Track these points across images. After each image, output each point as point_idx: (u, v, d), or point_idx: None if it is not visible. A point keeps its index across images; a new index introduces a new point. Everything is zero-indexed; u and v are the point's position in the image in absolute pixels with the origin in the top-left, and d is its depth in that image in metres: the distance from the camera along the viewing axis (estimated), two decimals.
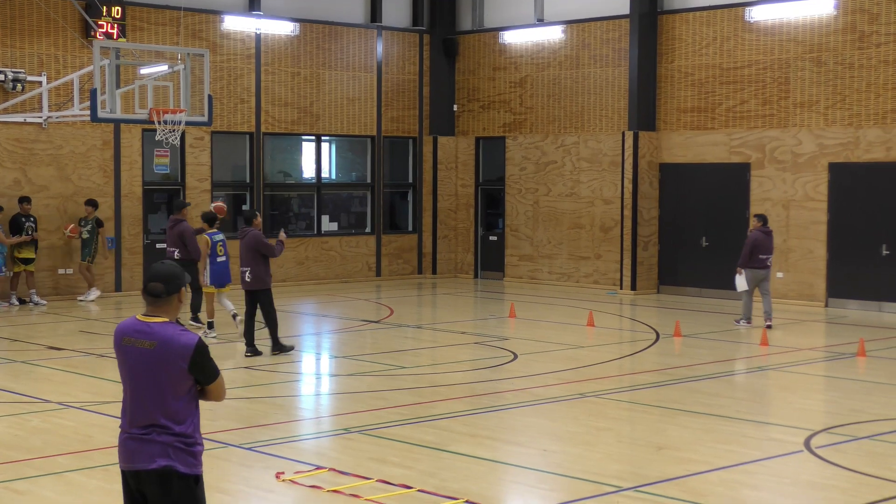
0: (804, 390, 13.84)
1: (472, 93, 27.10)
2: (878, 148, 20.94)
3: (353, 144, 26.90)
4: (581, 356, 15.85)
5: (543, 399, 12.73)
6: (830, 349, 16.89)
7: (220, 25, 23.94)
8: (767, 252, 18.59)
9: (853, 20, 21.18)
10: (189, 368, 5.64)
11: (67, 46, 21.97)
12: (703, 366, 15.02)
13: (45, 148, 21.89)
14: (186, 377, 5.67)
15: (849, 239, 21.34)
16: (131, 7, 22.51)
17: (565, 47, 25.24)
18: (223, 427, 10.99)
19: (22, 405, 12.31)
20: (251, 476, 9.45)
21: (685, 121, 23.54)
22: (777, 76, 22.16)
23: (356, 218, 26.74)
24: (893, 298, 20.82)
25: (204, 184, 23.68)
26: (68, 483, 9.19)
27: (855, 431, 11.20)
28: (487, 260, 27.05)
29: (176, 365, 5.63)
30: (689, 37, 23.44)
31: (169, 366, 5.63)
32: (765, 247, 18.53)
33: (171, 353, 5.62)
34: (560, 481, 9.45)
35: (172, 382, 5.64)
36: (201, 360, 5.66)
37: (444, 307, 22.92)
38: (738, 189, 22.71)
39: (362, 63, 26.06)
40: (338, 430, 11.34)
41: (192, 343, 5.65)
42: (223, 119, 23.86)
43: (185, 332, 5.71)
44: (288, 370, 15.10)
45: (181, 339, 5.65)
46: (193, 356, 5.63)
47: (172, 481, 5.62)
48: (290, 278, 25.03)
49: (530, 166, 25.94)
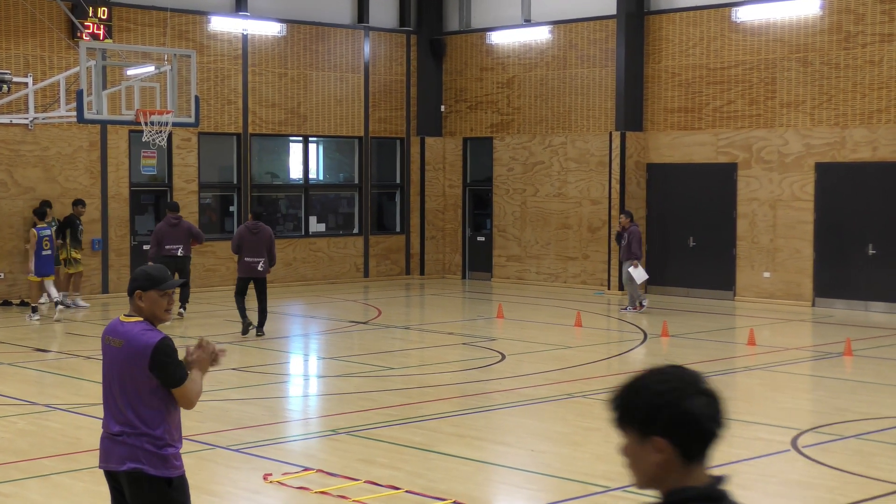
0: (791, 390, 13.88)
1: (459, 93, 27.10)
2: (864, 148, 21.00)
3: (340, 145, 26.88)
4: (569, 356, 15.87)
5: (531, 399, 12.74)
6: (817, 349, 16.94)
7: (207, 26, 23.89)
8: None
9: (839, 20, 21.25)
10: (149, 367, 5.62)
11: (54, 47, 21.91)
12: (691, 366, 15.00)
13: (31, 149, 21.82)
14: (149, 377, 5.64)
15: (835, 238, 21.41)
16: (117, 8, 22.45)
17: (552, 48, 25.26)
18: (211, 429, 10.97)
19: (8, 407, 12.26)
20: (238, 477, 9.44)
21: (672, 121, 23.58)
22: (763, 76, 22.22)
23: (344, 219, 26.72)
24: (880, 298, 20.89)
25: (191, 185, 23.64)
26: (55, 485, 9.17)
27: (841, 430, 11.23)
28: (475, 260, 27.05)
29: (138, 364, 5.63)
30: (676, 37, 23.48)
31: (133, 365, 5.64)
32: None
33: (134, 352, 5.64)
34: (548, 481, 9.45)
35: (137, 383, 5.64)
36: (161, 360, 5.62)
37: (432, 308, 22.92)
38: (725, 189, 22.75)
39: (349, 64, 26.05)
40: (325, 431, 11.33)
41: (152, 342, 5.62)
42: (210, 120, 23.81)
43: (149, 332, 5.68)
44: (276, 371, 15.09)
45: (142, 337, 5.65)
46: (153, 355, 5.61)
47: (142, 484, 5.63)
48: (277, 279, 24.97)
49: (518, 167, 25.95)
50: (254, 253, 17.26)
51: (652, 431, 2.73)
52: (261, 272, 17.27)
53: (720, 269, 22.87)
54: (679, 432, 2.72)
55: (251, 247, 17.28)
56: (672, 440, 2.72)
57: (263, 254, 17.25)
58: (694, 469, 2.74)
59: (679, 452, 2.73)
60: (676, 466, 2.73)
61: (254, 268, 17.26)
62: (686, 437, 2.72)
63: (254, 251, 17.27)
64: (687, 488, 2.70)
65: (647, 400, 2.75)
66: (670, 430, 2.72)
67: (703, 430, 2.74)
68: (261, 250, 17.24)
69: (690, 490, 2.69)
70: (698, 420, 2.73)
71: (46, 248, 19.35)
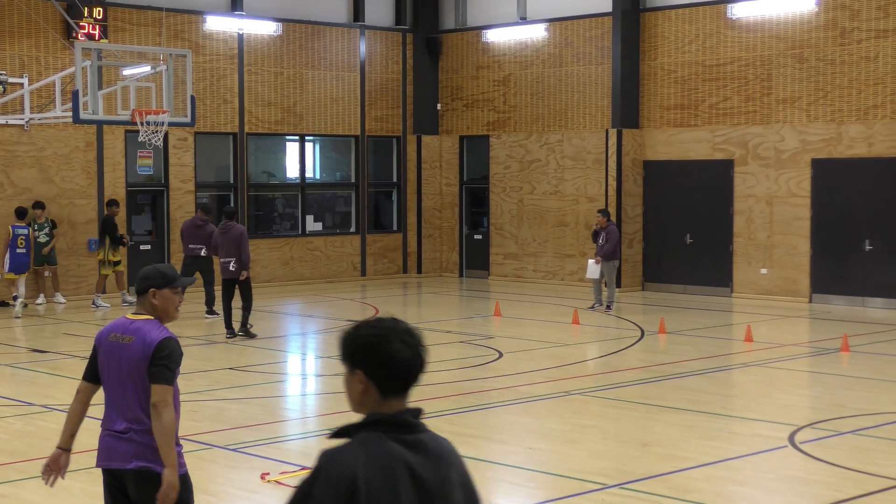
0: (788, 386, 13.88)
1: (455, 91, 27.09)
2: (860, 144, 21.01)
3: (336, 144, 26.87)
4: (566, 354, 15.87)
5: (528, 397, 12.74)
6: (814, 344, 16.95)
7: (203, 26, 23.87)
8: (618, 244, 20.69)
9: (834, 17, 21.25)
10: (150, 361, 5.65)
11: (49, 48, 21.89)
12: (688, 362, 15.06)
13: (27, 150, 21.80)
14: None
15: (832, 235, 21.42)
16: (113, 8, 22.42)
17: (548, 45, 25.25)
18: (208, 428, 10.97)
19: (5, 408, 12.25)
20: (236, 477, 9.43)
21: (668, 118, 23.58)
22: (759, 73, 22.22)
23: (341, 218, 26.71)
24: (877, 294, 20.90)
25: (188, 185, 23.62)
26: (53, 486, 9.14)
27: (839, 426, 11.24)
28: (472, 259, 27.05)
29: (146, 359, 5.66)
30: (672, 34, 23.48)
31: (141, 361, 5.66)
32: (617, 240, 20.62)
33: (143, 347, 5.67)
34: (545, 479, 9.45)
35: (146, 381, 5.65)
36: (160, 356, 5.64)
37: (429, 306, 22.92)
38: (721, 186, 22.76)
39: (345, 62, 26.03)
40: (323, 430, 11.33)
41: (158, 338, 5.67)
42: (206, 120, 23.79)
43: (157, 329, 5.72)
44: (273, 371, 15.08)
45: (150, 333, 5.70)
46: (155, 350, 5.65)
47: (150, 482, 5.62)
48: (274, 279, 24.99)
49: (514, 165, 25.95)
50: (225, 253, 17.18)
51: (357, 367, 3.34)
52: (232, 272, 17.09)
53: (717, 265, 22.88)
54: (377, 371, 3.31)
55: (223, 247, 17.24)
56: (371, 376, 3.31)
57: (233, 253, 17.08)
58: (391, 401, 3.33)
59: (376, 386, 3.32)
60: (375, 396, 3.33)
61: (226, 268, 17.17)
62: (383, 375, 3.31)
63: (225, 251, 17.19)
64: (378, 413, 3.30)
65: (357, 342, 3.34)
66: (370, 367, 3.32)
67: (399, 372, 3.31)
68: (231, 250, 17.11)
69: (380, 415, 3.29)
70: (395, 363, 3.29)
71: (21, 246, 20.09)
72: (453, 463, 3.41)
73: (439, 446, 3.38)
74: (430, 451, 3.34)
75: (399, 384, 3.34)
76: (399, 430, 3.30)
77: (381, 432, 3.28)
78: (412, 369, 3.34)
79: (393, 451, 3.25)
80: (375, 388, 3.33)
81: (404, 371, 3.33)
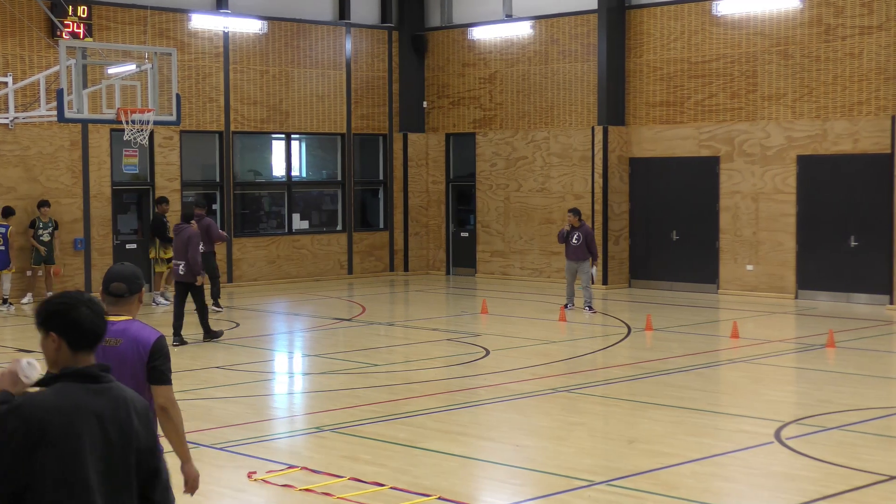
0: (774, 382, 13.92)
1: (441, 89, 27.09)
2: (845, 140, 21.08)
3: (322, 142, 26.84)
4: (553, 351, 15.89)
5: (516, 394, 12.75)
6: (800, 341, 17.00)
7: (188, 24, 23.81)
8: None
9: (819, 13, 21.32)
10: (147, 361, 5.66)
11: (33, 46, 21.81)
12: (675, 359, 15.09)
13: (11, 149, 21.71)
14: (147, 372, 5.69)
15: (818, 231, 21.48)
16: (97, 6, 22.35)
17: (534, 43, 25.27)
18: (195, 427, 10.94)
19: None
20: (223, 476, 9.41)
21: (654, 115, 23.62)
22: (745, 70, 22.28)
23: (327, 216, 26.68)
24: (862, 289, 20.97)
25: (174, 183, 23.56)
26: None
27: (824, 422, 11.28)
28: (459, 256, 27.05)
29: (140, 359, 5.65)
30: (657, 31, 23.51)
31: (134, 361, 5.65)
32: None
33: (136, 347, 5.67)
34: (532, 476, 9.46)
35: (138, 379, 5.65)
36: (157, 356, 5.68)
37: (416, 304, 22.92)
38: (707, 182, 22.81)
39: (331, 60, 26.00)
40: (310, 428, 11.32)
41: (153, 337, 5.71)
42: (192, 118, 23.75)
43: (145, 329, 5.77)
44: (260, 369, 15.06)
45: (143, 332, 5.73)
46: (152, 350, 5.67)
47: None
48: (261, 277, 24.95)
49: (501, 162, 25.96)
50: (176, 255, 16.53)
51: (50, 329, 3.98)
52: (181, 276, 16.33)
53: (703, 262, 22.93)
54: (67, 330, 3.96)
55: (175, 250, 16.65)
56: (62, 334, 3.96)
57: (183, 257, 16.34)
58: (80, 357, 3.98)
59: (67, 343, 3.97)
60: (67, 354, 3.97)
61: (176, 271, 16.51)
62: (71, 335, 3.96)
63: (176, 254, 16.56)
64: (70, 367, 3.94)
65: (49, 309, 4.01)
66: (61, 329, 3.97)
67: (85, 330, 3.97)
68: (181, 253, 16.39)
69: (71, 368, 3.93)
70: (82, 321, 3.97)
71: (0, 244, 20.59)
72: (134, 406, 3.98)
73: (122, 393, 3.98)
74: (114, 397, 3.94)
75: (86, 340, 3.98)
76: (87, 379, 3.92)
77: (72, 381, 3.90)
78: (96, 328, 4.00)
79: (80, 398, 3.87)
80: (67, 346, 3.96)
81: (90, 329, 3.98)
